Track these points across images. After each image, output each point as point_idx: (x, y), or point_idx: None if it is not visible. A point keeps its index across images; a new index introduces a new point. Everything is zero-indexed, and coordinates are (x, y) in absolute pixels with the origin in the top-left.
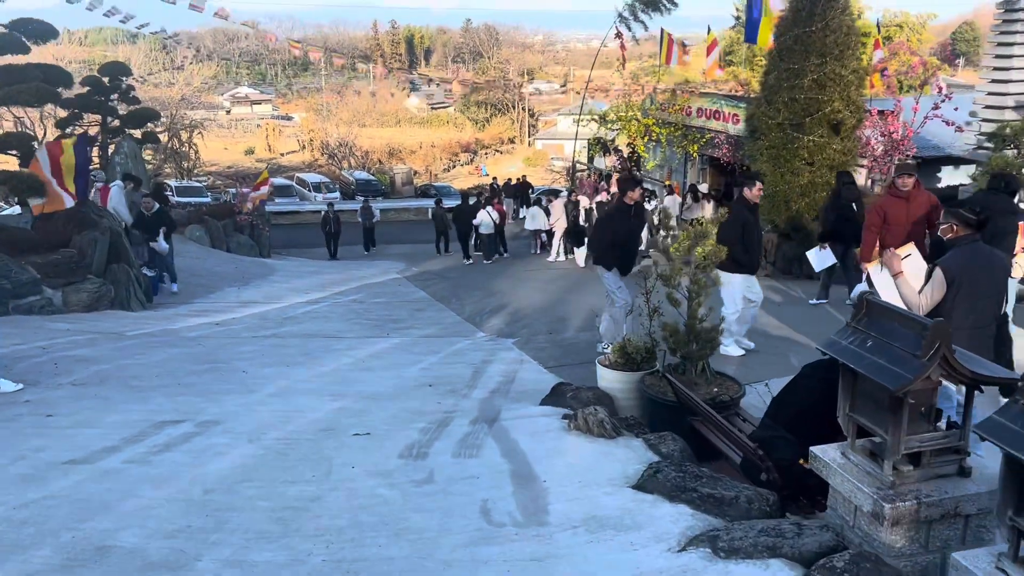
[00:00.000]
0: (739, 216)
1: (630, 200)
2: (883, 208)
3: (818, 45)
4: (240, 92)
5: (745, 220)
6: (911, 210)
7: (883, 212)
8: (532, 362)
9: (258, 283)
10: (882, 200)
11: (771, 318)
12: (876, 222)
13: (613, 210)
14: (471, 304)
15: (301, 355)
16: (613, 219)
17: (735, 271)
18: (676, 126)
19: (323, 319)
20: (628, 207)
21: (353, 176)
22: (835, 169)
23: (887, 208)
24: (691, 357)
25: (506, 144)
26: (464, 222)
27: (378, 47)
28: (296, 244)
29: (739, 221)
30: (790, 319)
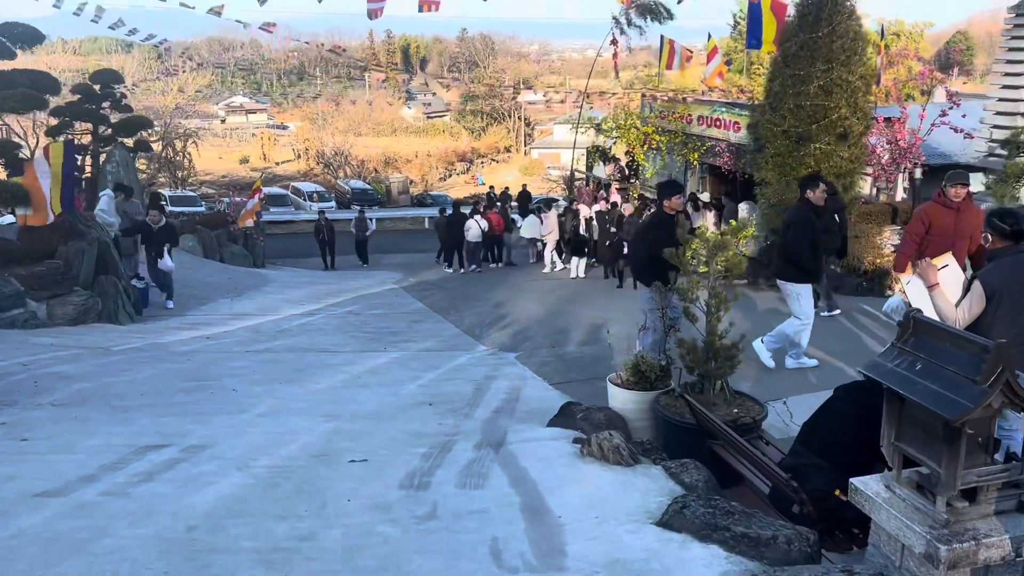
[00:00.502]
0: (808, 220)
1: (670, 209)
2: (928, 217)
3: (824, 51)
4: (235, 101)
5: (814, 225)
6: (960, 222)
7: (928, 221)
8: (536, 378)
9: (251, 294)
10: (928, 208)
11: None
12: (919, 231)
13: (652, 220)
14: (470, 316)
15: (294, 371)
16: (652, 230)
17: (803, 280)
18: (676, 134)
19: (318, 332)
20: (669, 217)
21: (349, 185)
22: (842, 177)
23: (933, 217)
24: (709, 376)
25: (502, 153)
26: (454, 232)
27: (374, 56)
28: (291, 254)
29: (809, 226)
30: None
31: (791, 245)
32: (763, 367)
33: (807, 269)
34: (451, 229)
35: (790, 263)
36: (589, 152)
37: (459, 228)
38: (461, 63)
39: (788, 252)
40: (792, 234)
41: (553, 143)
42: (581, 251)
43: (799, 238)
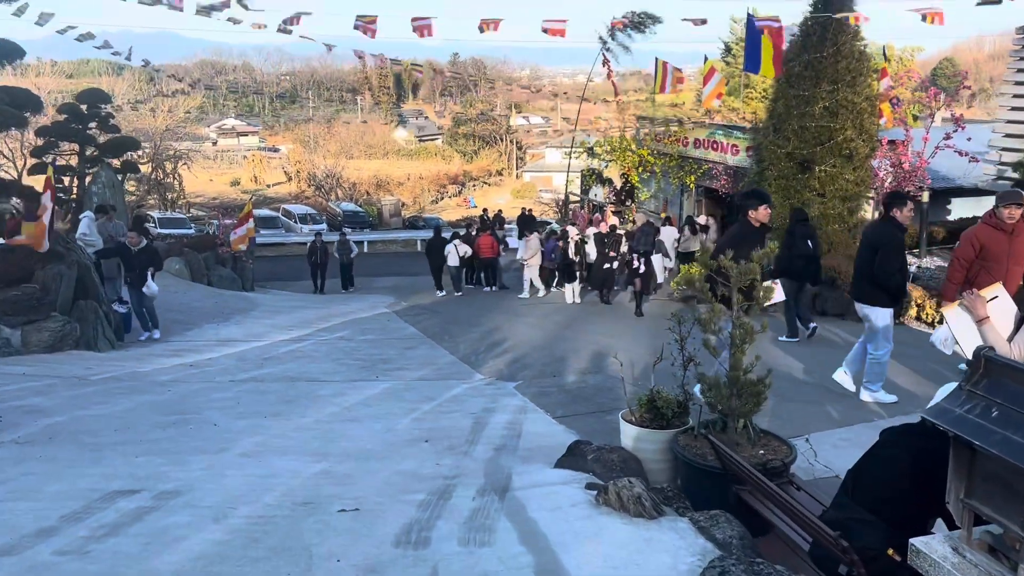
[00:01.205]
0: (898, 240)
1: (756, 221)
2: (979, 240)
3: (829, 71)
4: (227, 123)
5: (903, 245)
6: (1014, 246)
7: (979, 245)
8: (538, 411)
9: (239, 319)
10: (978, 230)
11: (793, 359)
12: (968, 255)
13: (738, 233)
14: (465, 342)
15: (281, 403)
16: (740, 246)
17: (889, 304)
18: (672, 157)
19: (307, 359)
20: (757, 230)
21: (340, 207)
22: (847, 200)
23: (984, 241)
24: (733, 414)
25: (494, 176)
26: (436, 255)
27: (366, 80)
28: (281, 277)
29: (898, 246)
30: (813, 360)
31: (881, 267)
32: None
33: (895, 292)
34: (431, 253)
35: (877, 286)
36: (584, 175)
37: (439, 252)
38: (453, 87)
39: (877, 274)
40: (882, 255)
41: (545, 166)
42: (572, 275)
43: (889, 259)
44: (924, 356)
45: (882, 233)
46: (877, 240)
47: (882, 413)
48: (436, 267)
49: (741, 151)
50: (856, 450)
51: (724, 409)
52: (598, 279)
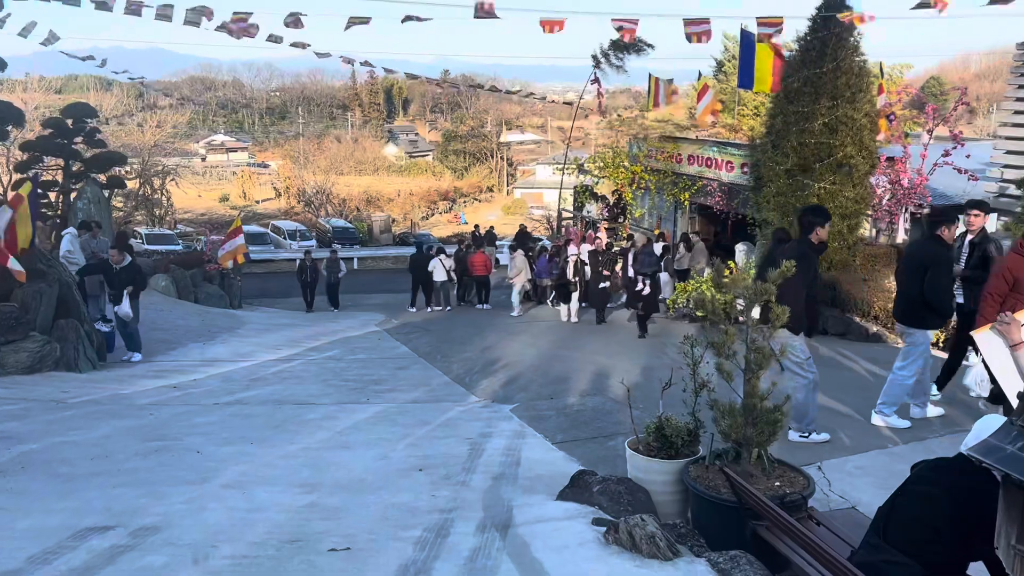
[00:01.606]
0: (949, 260)
1: (817, 239)
2: (1011, 272)
3: (829, 87)
4: (216, 139)
5: (952, 264)
6: None
7: (1011, 278)
8: (536, 435)
9: (225, 337)
10: (1009, 261)
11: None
12: (1001, 289)
13: (801, 254)
14: (459, 362)
15: (268, 428)
16: (807, 267)
17: (937, 326)
18: (666, 173)
19: (295, 380)
20: (818, 249)
21: (330, 224)
22: (847, 218)
23: (1017, 271)
24: (748, 443)
25: (485, 193)
26: (419, 271)
27: (356, 97)
28: (269, 294)
29: (951, 266)
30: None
31: (933, 287)
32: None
33: (946, 313)
34: (414, 269)
35: (926, 307)
36: (577, 191)
37: (423, 268)
38: (443, 104)
39: (928, 295)
40: (933, 275)
41: (536, 183)
42: (568, 294)
43: (941, 279)
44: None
45: (931, 252)
46: (926, 260)
47: (896, 439)
48: (417, 283)
49: (736, 168)
50: (871, 479)
51: (738, 438)
52: (594, 298)
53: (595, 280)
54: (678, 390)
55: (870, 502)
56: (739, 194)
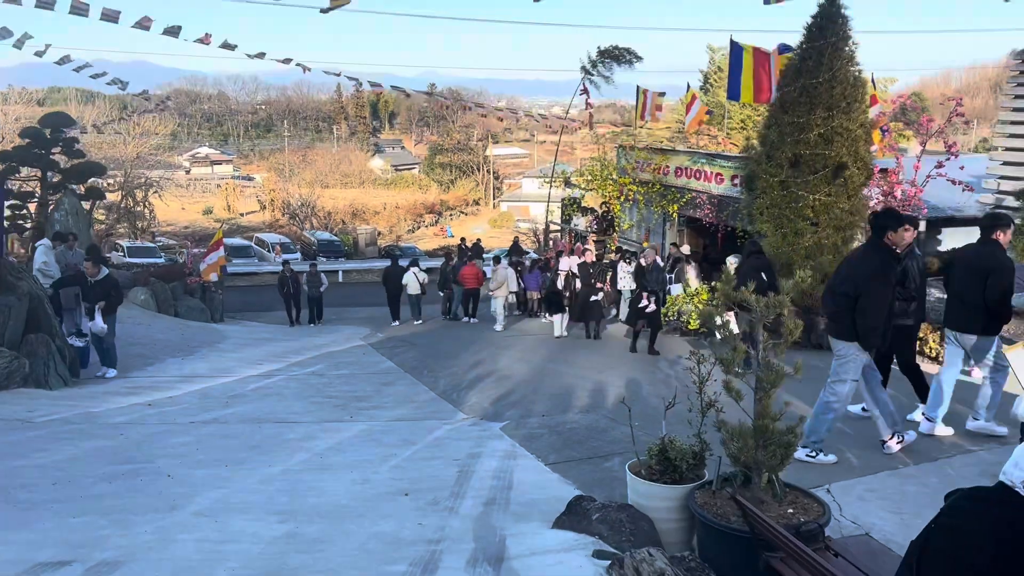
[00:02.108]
0: (1009, 263)
1: (896, 245)
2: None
3: (824, 97)
4: (200, 152)
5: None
6: None
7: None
8: (528, 456)
9: (205, 352)
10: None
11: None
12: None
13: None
14: (445, 377)
15: (245, 449)
16: (888, 276)
17: (998, 331)
18: (654, 185)
19: (276, 397)
20: (896, 257)
21: (315, 236)
22: (842, 230)
23: None
24: (758, 467)
25: (471, 206)
26: (393, 284)
27: (342, 110)
28: (252, 308)
29: (1012, 269)
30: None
31: (996, 292)
32: None
33: (1007, 317)
34: (388, 282)
35: (989, 313)
36: (565, 204)
37: (396, 281)
38: (429, 117)
39: (990, 300)
40: (994, 280)
41: (522, 196)
42: (560, 307)
43: (1004, 283)
44: None
45: (992, 256)
46: (987, 265)
47: (906, 459)
48: (393, 296)
49: (726, 180)
50: (883, 502)
51: (748, 462)
52: (584, 311)
53: (586, 293)
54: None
55: (884, 527)
56: (729, 206)
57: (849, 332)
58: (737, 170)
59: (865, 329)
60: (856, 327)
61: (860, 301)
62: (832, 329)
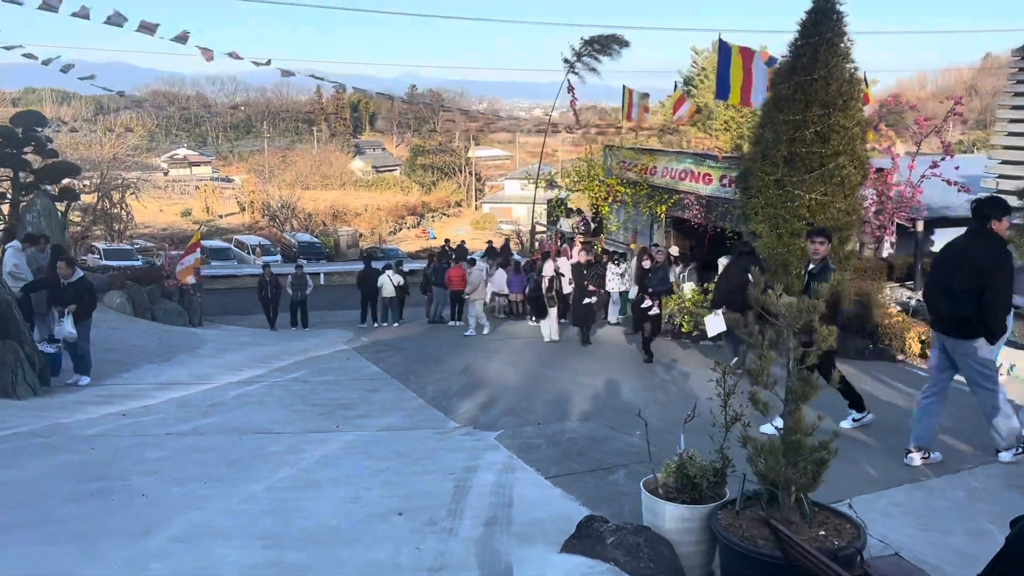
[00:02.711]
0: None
1: (1002, 233)
2: None
3: (820, 94)
4: (179, 153)
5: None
6: None
7: None
8: (527, 468)
9: (183, 358)
10: None
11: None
12: None
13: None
14: (434, 383)
15: (225, 464)
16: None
17: None
18: (641, 186)
19: (257, 405)
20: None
21: (295, 238)
22: (838, 230)
23: None
24: (788, 485)
25: (453, 207)
26: (368, 286)
27: (322, 111)
28: (232, 311)
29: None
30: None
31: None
32: None
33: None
34: (362, 284)
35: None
36: (551, 205)
37: (371, 283)
38: (410, 119)
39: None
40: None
41: (504, 198)
42: (544, 311)
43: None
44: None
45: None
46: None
47: (927, 471)
48: (366, 298)
49: (714, 180)
50: (910, 518)
51: (775, 479)
52: (578, 315)
53: (579, 295)
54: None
55: (914, 546)
56: (718, 207)
57: (977, 329)
58: (726, 171)
59: (994, 322)
60: (985, 322)
61: (986, 295)
62: (953, 329)
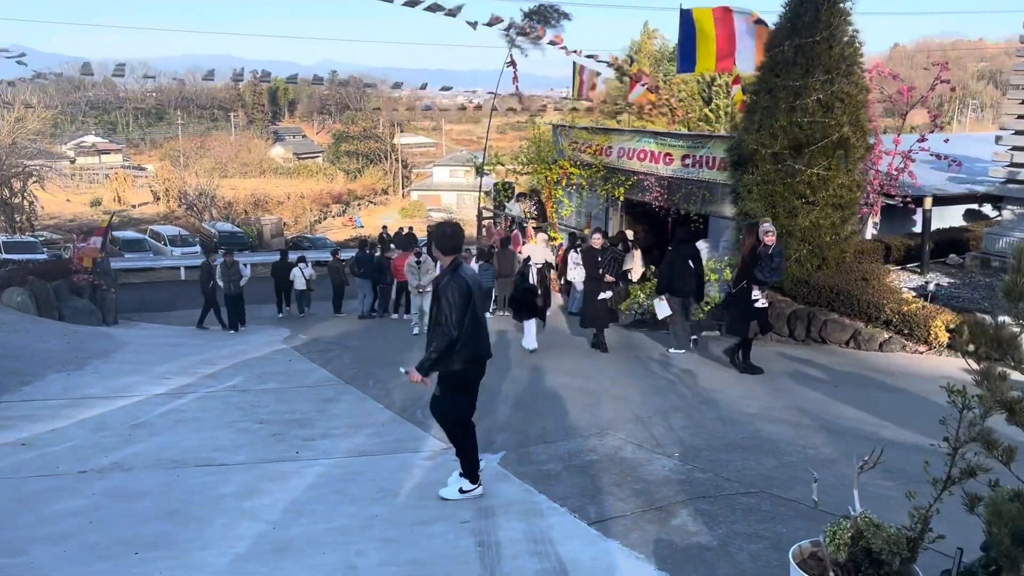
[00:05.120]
0: None
1: None
2: None
3: (824, 58)
4: (87, 141)
5: None
6: None
7: None
8: (558, 509)
9: (97, 365)
10: None
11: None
12: None
13: None
14: (397, 388)
15: (163, 517)
16: None
17: None
18: (596, 168)
19: (192, 424)
20: None
21: (216, 228)
22: (841, 208)
23: None
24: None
25: (380, 195)
26: (281, 278)
27: (239, 98)
28: (151, 307)
29: None
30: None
31: None
32: (876, 485)
33: None
34: (276, 275)
35: None
36: (498, 190)
37: (285, 274)
38: (331, 105)
39: None
40: None
41: (433, 185)
42: (534, 310)
43: None
44: None
45: None
46: None
47: None
48: (279, 289)
49: (676, 160)
50: None
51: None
52: (592, 314)
53: (593, 289)
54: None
55: None
56: (680, 189)
57: None
58: (690, 150)
59: None
60: None
61: None
62: None
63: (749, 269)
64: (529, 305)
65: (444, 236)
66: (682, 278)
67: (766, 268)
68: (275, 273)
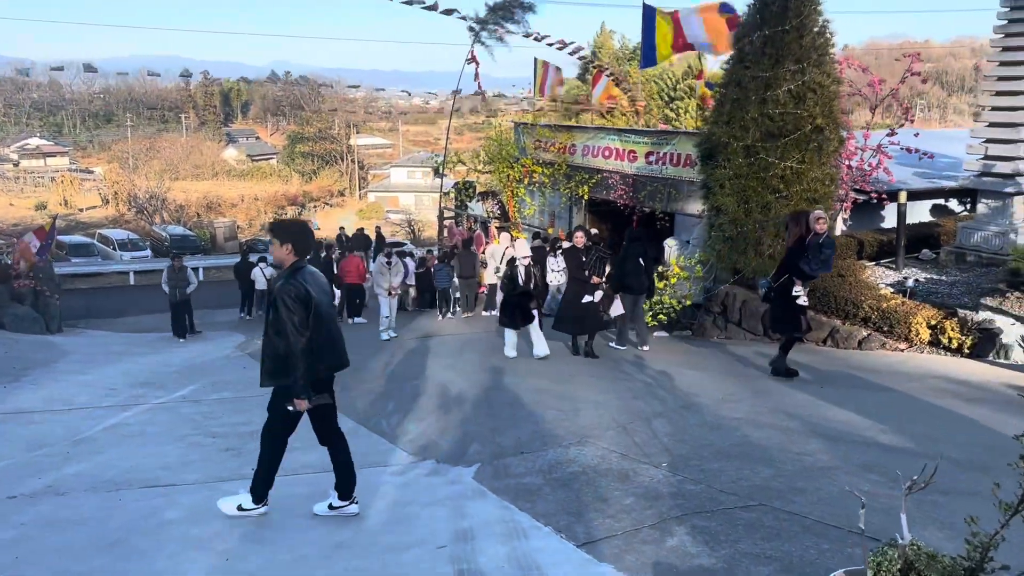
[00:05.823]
0: None
1: None
2: None
3: (794, 48)
4: (31, 143)
5: None
6: None
7: None
8: (542, 528)
9: (37, 376)
10: None
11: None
12: None
13: None
14: (360, 396)
15: (101, 549)
16: None
17: None
18: (559, 166)
19: (139, 439)
20: None
21: (167, 231)
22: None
23: None
24: None
25: (336, 197)
26: (243, 279)
27: (190, 99)
28: (98, 313)
29: None
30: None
31: None
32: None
33: None
34: (238, 276)
35: None
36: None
37: (245, 276)
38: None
39: None
40: None
41: (391, 186)
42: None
43: None
44: None
45: None
46: None
47: None
48: (243, 291)
49: (640, 157)
50: None
51: None
52: (571, 318)
53: (576, 291)
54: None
55: None
56: (645, 186)
57: None
58: (654, 147)
59: None
60: None
61: None
62: None
63: (794, 261)
64: (524, 310)
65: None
66: (633, 275)
67: (814, 260)
68: (238, 275)
